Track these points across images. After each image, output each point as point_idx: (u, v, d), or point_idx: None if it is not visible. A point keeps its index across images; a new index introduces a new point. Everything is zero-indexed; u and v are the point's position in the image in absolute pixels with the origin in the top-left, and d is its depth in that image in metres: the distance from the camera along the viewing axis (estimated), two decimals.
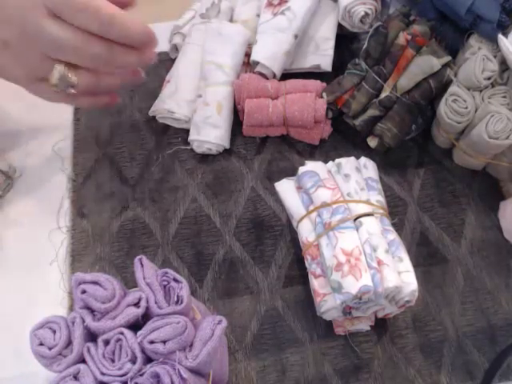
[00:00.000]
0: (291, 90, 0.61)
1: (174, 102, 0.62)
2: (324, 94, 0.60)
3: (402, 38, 0.56)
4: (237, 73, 0.62)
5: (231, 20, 0.67)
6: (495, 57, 0.53)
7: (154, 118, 0.64)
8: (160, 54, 0.69)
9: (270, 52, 0.61)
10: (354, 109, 0.58)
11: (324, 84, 0.61)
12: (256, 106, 0.60)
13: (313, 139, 0.62)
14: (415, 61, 0.56)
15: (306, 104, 0.59)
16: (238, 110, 0.63)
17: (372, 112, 0.58)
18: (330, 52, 0.64)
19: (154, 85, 0.66)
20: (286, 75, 0.63)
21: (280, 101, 0.60)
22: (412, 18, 0.58)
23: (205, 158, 0.62)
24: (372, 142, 0.60)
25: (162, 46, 0.67)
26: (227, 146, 0.62)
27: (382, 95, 0.57)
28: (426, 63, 0.55)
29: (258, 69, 0.62)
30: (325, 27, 0.64)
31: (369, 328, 0.51)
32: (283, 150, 0.63)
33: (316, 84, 0.61)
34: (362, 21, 0.60)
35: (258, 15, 0.65)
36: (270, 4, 0.63)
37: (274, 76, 0.63)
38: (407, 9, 0.59)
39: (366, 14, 0.59)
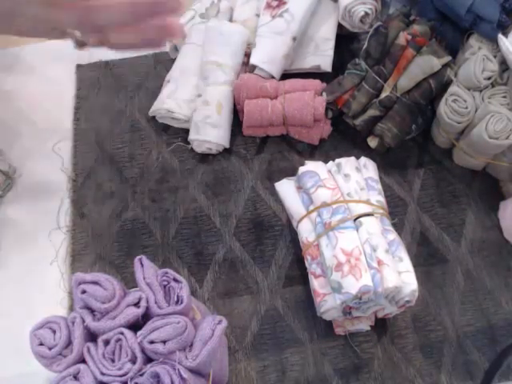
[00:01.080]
0: (290, 89, 0.61)
1: (173, 101, 0.62)
2: (324, 94, 0.60)
3: (402, 38, 0.56)
4: (236, 72, 0.62)
5: (231, 20, 0.67)
6: (495, 57, 0.53)
7: (153, 117, 0.64)
8: (160, 55, 0.69)
9: (268, 56, 0.61)
10: (354, 109, 0.58)
11: (324, 84, 0.61)
12: (255, 106, 0.60)
13: (312, 139, 0.62)
14: (415, 61, 0.55)
15: (305, 102, 0.59)
16: (238, 110, 0.63)
17: (372, 112, 0.58)
18: (330, 52, 0.64)
19: (154, 85, 0.66)
20: (286, 75, 0.63)
21: (279, 100, 0.60)
22: (412, 17, 0.58)
23: (205, 157, 0.62)
24: (372, 142, 0.60)
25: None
26: (227, 145, 0.62)
27: (383, 95, 0.57)
28: (427, 63, 0.55)
29: (256, 72, 0.62)
30: (325, 28, 0.64)
31: (369, 328, 0.51)
32: (283, 149, 0.63)
33: (315, 83, 0.61)
34: (362, 21, 0.60)
35: (258, 15, 0.65)
36: (268, 6, 0.63)
37: (273, 77, 0.63)
38: (407, 9, 0.59)
39: (366, 14, 0.59)
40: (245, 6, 0.67)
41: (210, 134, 0.60)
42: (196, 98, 0.62)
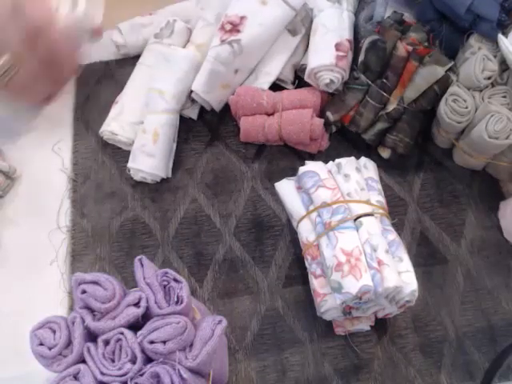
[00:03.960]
0: (288, 105, 0.59)
1: (118, 124, 0.60)
2: (329, 114, 0.59)
3: (402, 49, 0.55)
4: (179, 101, 0.60)
5: (187, 41, 0.64)
6: (495, 57, 0.53)
7: None
8: None
9: (207, 85, 0.60)
10: (363, 126, 0.58)
11: (319, 93, 0.60)
12: (251, 125, 0.59)
13: (310, 151, 0.61)
14: (420, 72, 0.55)
15: (302, 124, 0.58)
16: (235, 117, 0.63)
17: (381, 125, 0.57)
18: (265, 86, 0.62)
19: None
20: None
21: (276, 119, 0.59)
22: (404, 18, 0.58)
23: (205, 157, 0.62)
24: (385, 153, 0.60)
25: None
26: (163, 175, 0.60)
27: (390, 107, 0.57)
28: (431, 74, 0.54)
29: (193, 96, 0.61)
30: (270, 62, 0.62)
31: (369, 328, 0.51)
32: (283, 149, 0.63)
33: (314, 97, 0.60)
34: (327, 85, 0.58)
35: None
36: (222, 28, 0.60)
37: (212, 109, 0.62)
38: (399, 15, 0.58)
39: (331, 82, 0.58)
40: (204, 29, 0.63)
41: (145, 163, 0.58)
42: (140, 124, 0.60)
